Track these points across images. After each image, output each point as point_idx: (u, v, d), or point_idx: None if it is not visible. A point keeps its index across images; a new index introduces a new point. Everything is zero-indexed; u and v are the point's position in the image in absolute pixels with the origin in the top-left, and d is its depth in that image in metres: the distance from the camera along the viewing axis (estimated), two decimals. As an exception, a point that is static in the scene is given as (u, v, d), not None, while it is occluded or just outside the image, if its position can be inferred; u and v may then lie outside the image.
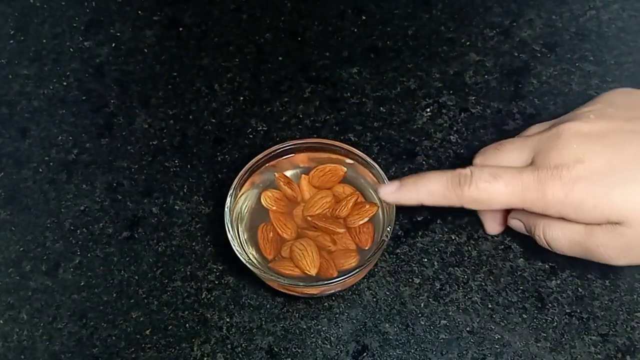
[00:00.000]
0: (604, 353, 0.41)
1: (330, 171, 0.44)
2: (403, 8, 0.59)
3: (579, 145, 0.33)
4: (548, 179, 0.33)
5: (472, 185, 0.35)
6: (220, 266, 0.46)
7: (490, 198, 0.35)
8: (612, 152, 0.33)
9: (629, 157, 0.32)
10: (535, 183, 0.34)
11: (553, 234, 0.36)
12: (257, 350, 0.42)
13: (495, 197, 0.35)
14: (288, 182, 0.43)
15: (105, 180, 0.50)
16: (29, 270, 0.46)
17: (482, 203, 0.36)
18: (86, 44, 0.59)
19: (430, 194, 0.37)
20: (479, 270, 0.45)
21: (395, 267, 0.45)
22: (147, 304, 0.44)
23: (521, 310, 0.43)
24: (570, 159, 0.33)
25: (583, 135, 0.34)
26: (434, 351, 0.42)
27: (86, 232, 0.48)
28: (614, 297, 0.43)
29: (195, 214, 0.48)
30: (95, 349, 0.43)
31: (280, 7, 0.60)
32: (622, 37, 0.55)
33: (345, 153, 0.44)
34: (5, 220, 0.49)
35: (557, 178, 0.33)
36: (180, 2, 0.61)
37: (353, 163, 0.44)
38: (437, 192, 0.37)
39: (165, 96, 0.55)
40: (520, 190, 0.34)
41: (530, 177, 0.34)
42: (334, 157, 0.44)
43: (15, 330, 0.44)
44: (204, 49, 0.58)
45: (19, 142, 0.53)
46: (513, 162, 0.37)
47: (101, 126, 0.54)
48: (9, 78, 0.57)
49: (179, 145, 0.52)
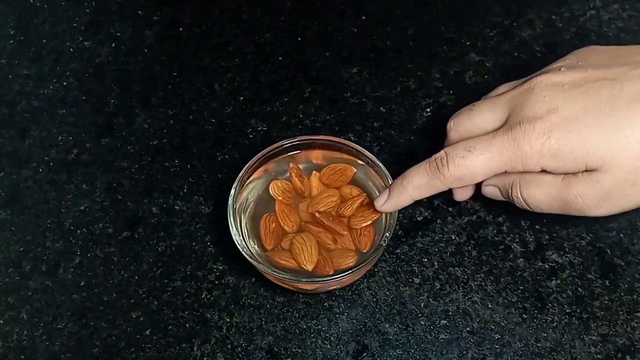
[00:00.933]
0: (604, 353, 0.41)
1: (340, 170, 0.44)
2: (403, 8, 0.59)
3: (551, 96, 0.33)
4: (523, 134, 0.33)
5: (450, 165, 0.35)
6: (220, 266, 0.46)
7: (471, 172, 0.35)
8: (585, 98, 0.33)
9: (602, 101, 0.32)
10: (510, 142, 0.33)
11: (530, 192, 0.36)
12: (257, 350, 0.42)
13: (475, 169, 0.35)
14: (300, 175, 0.43)
15: (105, 180, 0.50)
16: (29, 270, 0.46)
17: (466, 179, 0.36)
18: (86, 44, 0.59)
19: (418, 189, 0.37)
20: (479, 270, 0.45)
21: (395, 267, 0.45)
22: (147, 304, 0.44)
23: (521, 310, 0.43)
24: (544, 111, 0.33)
25: (555, 86, 0.34)
26: (434, 351, 0.42)
27: (86, 232, 0.48)
28: (614, 297, 0.43)
29: (195, 214, 0.48)
30: (95, 349, 0.43)
31: (280, 7, 0.60)
32: (622, 37, 0.55)
33: (356, 154, 0.44)
34: (5, 220, 0.49)
35: (531, 131, 0.33)
36: (180, 2, 0.61)
37: (364, 165, 0.44)
38: (422, 184, 0.37)
39: (165, 96, 0.55)
40: (498, 154, 0.34)
41: (504, 137, 0.34)
42: (347, 157, 0.44)
43: (15, 330, 0.44)
44: (204, 49, 0.58)
45: (19, 142, 0.53)
46: (487, 123, 0.37)
47: (101, 126, 0.54)
48: (9, 78, 0.57)
49: (179, 145, 0.52)
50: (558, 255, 0.45)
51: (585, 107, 0.32)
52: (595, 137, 0.32)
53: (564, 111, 0.32)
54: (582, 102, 0.32)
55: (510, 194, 0.37)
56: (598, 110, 0.32)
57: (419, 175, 0.37)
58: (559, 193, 0.34)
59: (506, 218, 0.47)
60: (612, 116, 0.31)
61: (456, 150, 0.35)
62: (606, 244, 0.45)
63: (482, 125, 0.37)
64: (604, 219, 0.46)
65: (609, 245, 0.45)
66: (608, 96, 0.32)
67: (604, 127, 0.31)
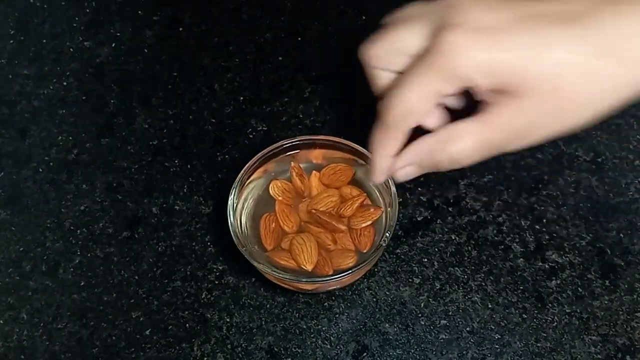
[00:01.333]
0: (604, 353, 0.41)
1: (341, 170, 0.44)
2: (403, 8, 0.59)
3: (478, 9, 0.31)
4: (452, 49, 0.30)
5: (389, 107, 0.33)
6: (220, 266, 0.46)
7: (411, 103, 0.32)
8: (511, 10, 0.30)
9: (529, 15, 0.30)
10: (439, 59, 0.31)
11: (457, 148, 0.33)
12: (257, 350, 0.42)
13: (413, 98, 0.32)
14: (300, 174, 0.43)
15: (105, 180, 0.50)
16: (29, 270, 0.46)
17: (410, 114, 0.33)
18: (86, 44, 0.59)
19: (383, 147, 0.35)
20: (479, 270, 0.45)
21: (395, 267, 0.45)
22: (147, 304, 0.44)
23: (521, 310, 0.43)
24: (470, 23, 0.30)
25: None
26: (434, 351, 0.42)
27: (86, 232, 0.48)
28: (614, 297, 0.43)
29: (195, 214, 0.48)
30: (95, 349, 0.43)
31: (280, 7, 0.60)
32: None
33: (356, 154, 0.44)
34: (5, 220, 0.49)
35: (462, 44, 0.30)
36: (180, 2, 0.61)
37: (364, 165, 0.44)
38: (382, 137, 0.34)
39: (165, 96, 0.55)
40: (431, 75, 0.31)
41: (433, 57, 0.31)
42: (347, 157, 0.44)
43: (15, 330, 0.44)
44: (204, 49, 0.58)
45: (19, 142, 0.53)
46: (408, 45, 0.34)
47: (101, 126, 0.54)
48: (9, 78, 0.57)
49: (179, 145, 0.52)
50: (558, 255, 0.45)
51: (511, 19, 0.30)
52: (521, 53, 0.29)
53: (489, 22, 0.30)
54: (508, 13, 0.30)
55: (436, 160, 0.34)
56: (526, 25, 0.30)
57: (376, 133, 0.35)
58: (485, 135, 0.32)
59: (506, 218, 0.47)
60: (538, 33, 0.29)
61: (390, 90, 0.33)
62: (606, 244, 0.45)
63: (402, 49, 0.34)
64: (604, 217, 0.46)
65: (609, 245, 0.45)
66: (532, 12, 0.30)
67: (530, 43, 0.29)
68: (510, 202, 0.47)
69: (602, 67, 0.28)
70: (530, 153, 0.50)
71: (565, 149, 0.50)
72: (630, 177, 0.48)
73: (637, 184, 0.48)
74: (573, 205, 0.47)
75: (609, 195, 0.47)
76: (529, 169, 0.49)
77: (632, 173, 0.48)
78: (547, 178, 0.48)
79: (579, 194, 0.48)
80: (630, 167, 0.49)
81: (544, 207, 0.47)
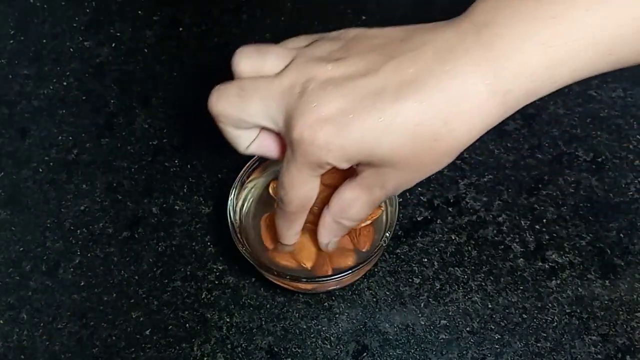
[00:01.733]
0: (604, 353, 0.41)
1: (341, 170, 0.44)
2: (403, 8, 0.59)
3: (321, 98, 0.31)
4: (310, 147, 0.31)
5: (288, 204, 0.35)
6: (220, 266, 0.46)
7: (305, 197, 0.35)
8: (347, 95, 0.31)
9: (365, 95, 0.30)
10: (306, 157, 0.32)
11: (353, 212, 0.35)
12: (257, 350, 0.42)
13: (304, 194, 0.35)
14: None
15: (105, 180, 0.50)
16: (29, 270, 0.46)
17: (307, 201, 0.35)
18: (86, 44, 0.59)
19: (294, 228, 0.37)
20: (479, 270, 0.45)
21: (395, 267, 0.45)
22: (147, 304, 0.44)
23: (521, 310, 0.43)
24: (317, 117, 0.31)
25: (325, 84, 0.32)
26: (434, 351, 0.42)
27: (86, 232, 0.48)
28: (614, 297, 0.43)
29: (195, 214, 0.48)
30: (95, 349, 0.43)
31: (280, 7, 0.60)
32: None
33: None
34: (5, 220, 0.49)
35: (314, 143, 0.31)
36: (180, 2, 0.61)
37: None
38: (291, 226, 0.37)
39: (165, 96, 0.55)
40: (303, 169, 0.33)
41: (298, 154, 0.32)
42: None
43: (15, 330, 0.44)
44: (204, 49, 0.58)
45: (19, 142, 0.53)
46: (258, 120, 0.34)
47: (101, 126, 0.54)
48: (9, 78, 0.57)
49: (179, 145, 0.52)
50: (558, 255, 0.45)
51: (351, 103, 0.31)
52: (367, 137, 0.30)
53: (332, 111, 0.31)
54: (347, 97, 0.31)
55: (345, 226, 0.36)
56: (362, 106, 0.30)
57: (280, 220, 0.37)
58: (368, 197, 0.34)
59: (506, 218, 0.47)
60: (378, 113, 0.30)
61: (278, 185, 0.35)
62: (606, 244, 0.45)
63: (252, 120, 0.35)
64: (604, 217, 0.46)
65: (609, 245, 0.45)
66: (370, 90, 0.31)
67: (373, 125, 0.30)
68: (510, 202, 0.47)
69: (446, 128, 0.29)
70: (530, 153, 0.50)
71: (565, 149, 0.50)
72: (630, 177, 0.48)
73: (637, 184, 0.48)
74: (573, 205, 0.47)
75: (609, 195, 0.47)
76: (529, 169, 0.49)
77: (632, 173, 0.48)
78: (547, 178, 0.48)
79: (579, 194, 0.48)
80: (630, 167, 0.49)
81: (544, 207, 0.47)
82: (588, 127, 0.51)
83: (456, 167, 0.49)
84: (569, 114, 0.52)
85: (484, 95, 0.29)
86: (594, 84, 0.53)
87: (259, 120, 0.34)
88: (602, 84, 0.53)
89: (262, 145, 0.37)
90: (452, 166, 0.49)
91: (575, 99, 0.52)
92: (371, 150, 0.31)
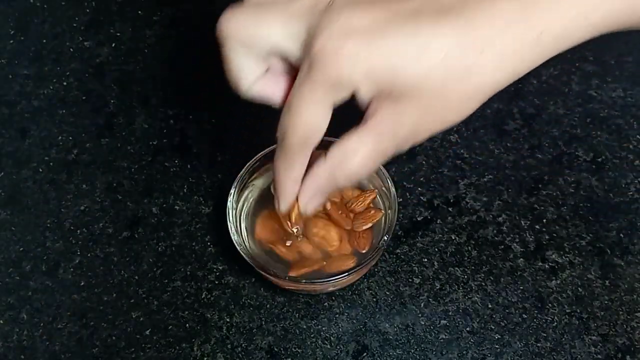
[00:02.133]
0: (604, 353, 0.41)
1: None
2: None
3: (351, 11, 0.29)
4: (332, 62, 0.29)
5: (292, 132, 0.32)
6: (220, 266, 0.46)
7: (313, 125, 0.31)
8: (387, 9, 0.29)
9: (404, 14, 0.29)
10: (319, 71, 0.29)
11: (354, 163, 0.31)
12: (257, 350, 0.42)
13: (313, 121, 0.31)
14: None
15: (105, 180, 0.50)
16: (29, 270, 0.46)
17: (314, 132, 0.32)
18: (86, 44, 0.59)
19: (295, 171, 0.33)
20: (479, 270, 0.45)
21: (395, 267, 0.45)
22: (147, 304, 0.44)
23: (521, 310, 0.43)
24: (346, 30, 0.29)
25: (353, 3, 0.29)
26: (434, 351, 0.42)
27: (86, 232, 0.48)
28: (614, 297, 0.43)
29: (195, 214, 0.48)
30: (95, 349, 0.43)
31: (280, 7, 0.60)
32: (622, 37, 0.55)
33: None
34: (5, 220, 0.49)
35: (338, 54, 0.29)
36: (180, 2, 0.61)
37: None
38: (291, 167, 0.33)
39: (165, 96, 0.55)
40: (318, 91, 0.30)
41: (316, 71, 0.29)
42: None
43: (15, 330, 0.44)
44: (204, 49, 0.58)
45: (19, 142, 0.53)
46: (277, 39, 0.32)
47: (101, 126, 0.54)
48: (9, 78, 0.57)
49: (179, 145, 0.52)
50: (558, 255, 0.45)
51: (385, 19, 0.29)
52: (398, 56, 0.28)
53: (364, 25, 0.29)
54: (381, 13, 0.29)
55: (337, 183, 0.33)
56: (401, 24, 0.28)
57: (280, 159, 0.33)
58: (376, 145, 0.31)
59: (506, 218, 0.47)
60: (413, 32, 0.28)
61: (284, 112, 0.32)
62: (606, 244, 0.45)
63: (268, 39, 0.32)
64: (604, 217, 0.46)
65: (609, 245, 0.45)
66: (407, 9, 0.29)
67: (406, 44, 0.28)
68: (510, 202, 0.47)
69: (480, 63, 0.28)
70: (530, 153, 0.50)
71: (565, 149, 0.50)
72: (630, 177, 0.48)
73: (637, 184, 0.48)
74: (573, 205, 0.47)
75: (609, 195, 0.47)
76: (529, 169, 0.49)
77: (632, 173, 0.48)
78: (547, 178, 0.48)
79: (579, 194, 0.48)
80: (630, 167, 0.49)
81: (544, 207, 0.47)
82: (588, 127, 0.51)
83: (456, 167, 0.49)
84: (569, 114, 0.52)
85: (518, 33, 0.28)
86: (594, 84, 0.53)
87: (276, 40, 0.31)
88: (602, 84, 0.53)
89: (266, 86, 0.34)
90: (452, 166, 0.49)
91: (575, 99, 0.52)
92: (399, 71, 0.28)
